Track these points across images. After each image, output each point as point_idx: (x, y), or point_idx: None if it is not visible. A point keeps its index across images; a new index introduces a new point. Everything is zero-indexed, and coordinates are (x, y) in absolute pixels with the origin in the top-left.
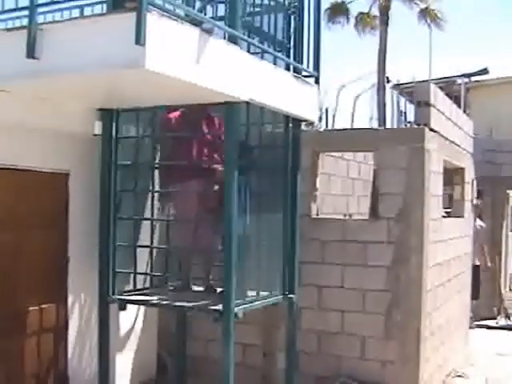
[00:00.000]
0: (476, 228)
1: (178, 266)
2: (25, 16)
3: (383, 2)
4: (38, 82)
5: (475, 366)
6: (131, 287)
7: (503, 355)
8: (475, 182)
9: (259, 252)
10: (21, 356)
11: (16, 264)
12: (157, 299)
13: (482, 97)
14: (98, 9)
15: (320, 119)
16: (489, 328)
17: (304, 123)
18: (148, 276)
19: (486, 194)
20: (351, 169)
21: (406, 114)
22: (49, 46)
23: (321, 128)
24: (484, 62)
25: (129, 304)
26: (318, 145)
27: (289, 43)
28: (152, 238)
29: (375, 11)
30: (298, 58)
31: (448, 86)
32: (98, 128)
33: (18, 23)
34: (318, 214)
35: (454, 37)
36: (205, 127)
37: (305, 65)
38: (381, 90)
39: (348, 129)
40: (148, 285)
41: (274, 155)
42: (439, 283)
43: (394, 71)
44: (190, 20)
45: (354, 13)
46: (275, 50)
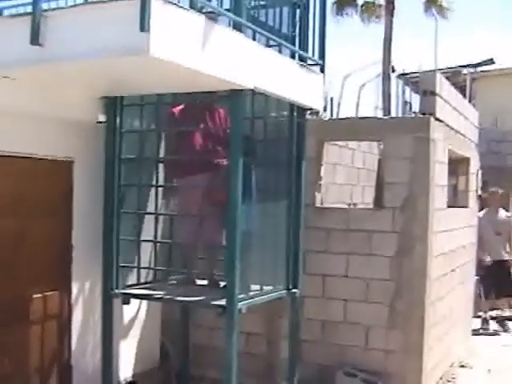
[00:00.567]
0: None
1: (182, 260)
2: (29, 3)
3: None
4: (42, 69)
5: (478, 357)
6: (135, 281)
7: (507, 346)
8: (480, 173)
9: (263, 245)
10: (24, 344)
11: (20, 251)
12: (160, 293)
13: (488, 87)
14: None
15: (325, 109)
16: (492, 319)
17: (309, 112)
18: (151, 269)
19: (492, 185)
20: (356, 158)
21: (411, 104)
22: (53, 33)
23: (326, 117)
24: (490, 52)
25: (132, 298)
26: (323, 134)
27: (294, 31)
28: (156, 232)
29: (381, 0)
30: (303, 47)
31: (454, 76)
32: (102, 116)
33: (22, 10)
34: (323, 204)
35: (460, 27)
36: (209, 120)
37: (310, 53)
38: (386, 80)
39: (353, 118)
40: (151, 278)
41: (279, 144)
42: (443, 273)
43: (400, 61)
44: (195, 7)
45: (360, 1)
46: (280, 38)
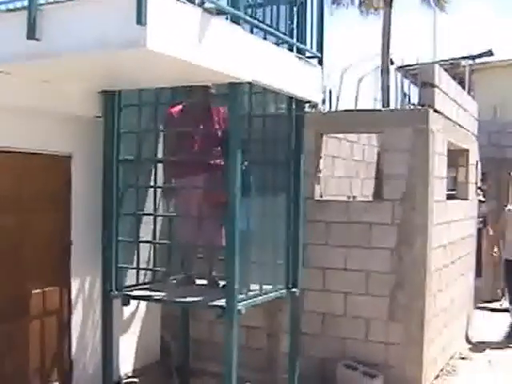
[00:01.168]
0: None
1: (181, 260)
2: None
3: None
4: (39, 64)
5: (478, 348)
6: (134, 281)
7: (508, 337)
8: (480, 164)
9: (262, 243)
10: (24, 339)
11: (19, 247)
12: (160, 295)
13: (487, 79)
14: None
15: (324, 101)
16: (492, 310)
17: (307, 105)
18: (151, 270)
19: (491, 176)
20: (355, 151)
21: (410, 97)
22: (49, 27)
23: (324, 110)
24: (489, 44)
25: (132, 299)
26: (322, 126)
27: (292, 24)
28: (155, 231)
29: None
30: (301, 39)
31: (452, 68)
32: (100, 110)
33: (19, 4)
34: (322, 196)
35: (459, 18)
36: (207, 120)
37: (308, 46)
38: (385, 72)
39: (352, 110)
40: (151, 278)
41: (277, 137)
42: (443, 265)
43: (398, 53)
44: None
45: None
46: (278, 31)
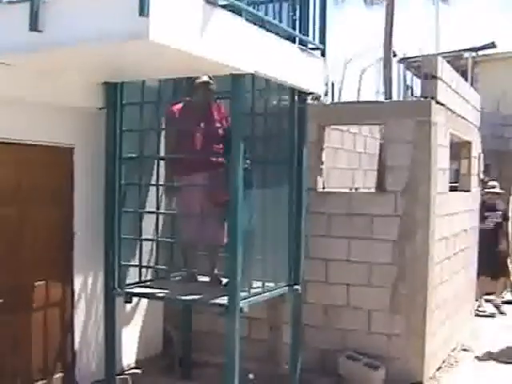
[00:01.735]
0: None
1: (184, 257)
2: None
3: None
4: (41, 55)
5: (481, 340)
6: (137, 278)
7: (509, 328)
8: (482, 156)
9: (264, 239)
10: (27, 330)
11: (22, 238)
12: (162, 292)
13: (490, 71)
14: None
15: (326, 93)
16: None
17: (310, 97)
18: (153, 268)
19: (494, 169)
20: (357, 142)
21: (413, 89)
22: (52, 19)
23: (327, 102)
24: (491, 36)
25: (134, 297)
26: (324, 118)
27: (294, 15)
28: (157, 228)
29: None
30: (304, 31)
31: (455, 60)
32: (103, 102)
33: None
34: (325, 188)
35: (462, 10)
36: (209, 118)
37: (310, 37)
38: (387, 65)
39: (354, 102)
40: (153, 276)
41: (280, 129)
42: (445, 257)
43: (401, 45)
44: None
45: None
46: (280, 22)
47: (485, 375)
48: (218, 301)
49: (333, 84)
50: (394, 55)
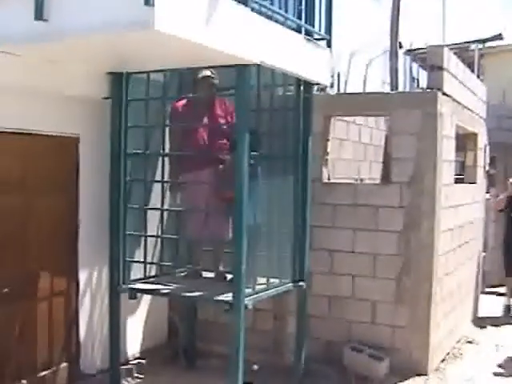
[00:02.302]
0: None
1: (189, 253)
2: None
3: None
4: (47, 45)
5: (485, 333)
6: (141, 274)
7: None
8: (488, 148)
9: (269, 234)
10: (33, 320)
11: (27, 228)
12: (167, 288)
13: (496, 63)
14: None
15: (332, 85)
16: (500, 295)
17: (315, 88)
18: (158, 264)
19: (499, 161)
20: (363, 134)
21: (419, 81)
22: (57, 8)
23: (333, 93)
24: (498, 28)
25: (139, 293)
26: (330, 109)
27: (300, 5)
28: (162, 223)
29: None
30: (310, 21)
31: (461, 52)
32: (108, 91)
33: None
34: (330, 179)
35: (468, 1)
36: (213, 113)
37: (316, 28)
38: (393, 56)
39: (360, 93)
40: (158, 271)
41: (285, 120)
42: (450, 249)
43: (407, 37)
44: None
45: None
46: (286, 13)
47: (489, 366)
48: (223, 298)
49: (339, 75)
50: (400, 47)
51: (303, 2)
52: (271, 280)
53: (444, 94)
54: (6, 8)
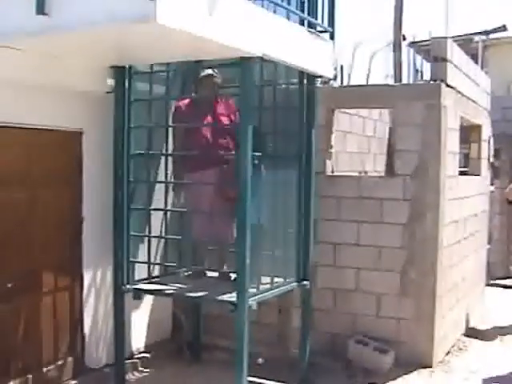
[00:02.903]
0: None
1: (193, 253)
2: None
3: None
4: (49, 39)
5: (491, 325)
6: (145, 274)
7: None
8: (492, 140)
9: (273, 236)
10: (37, 314)
11: (30, 223)
12: (171, 289)
13: (500, 54)
14: None
15: (335, 78)
16: (505, 287)
17: (319, 80)
18: (161, 265)
19: (504, 153)
20: (367, 126)
21: (422, 73)
22: (59, 2)
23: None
24: (502, 19)
25: (143, 293)
26: (333, 101)
27: None
28: (166, 223)
29: None
30: (312, 13)
31: (465, 44)
32: (111, 86)
33: None
34: (334, 172)
35: None
36: (216, 110)
37: (319, 20)
38: (397, 48)
39: (363, 85)
40: (162, 271)
41: (289, 113)
42: (455, 241)
43: (411, 29)
44: None
45: None
46: (289, 5)
47: (494, 359)
48: (227, 298)
49: (342, 68)
50: (404, 39)
51: None
52: (275, 279)
53: (448, 86)
54: (7, 2)
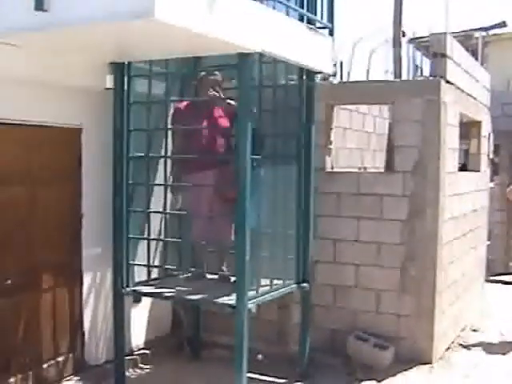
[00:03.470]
0: None
1: (192, 255)
2: None
3: None
4: (48, 35)
5: (490, 321)
6: (145, 277)
7: None
8: (492, 136)
9: (273, 238)
10: (36, 311)
11: (30, 219)
12: (170, 291)
13: (500, 50)
14: None
15: (334, 74)
16: (504, 283)
17: (319, 76)
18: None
19: (504, 149)
20: (366, 122)
21: (422, 69)
22: None
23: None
24: (502, 15)
25: (143, 296)
26: (333, 98)
27: None
28: (165, 225)
29: None
30: (312, 9)
31: (465, 40)
32: (110, 82)
33: None
34: (333, 168)
35: None
36: (216, 112)
37: (319, 16)
38: (396, 45)
39: (363, 81)
40: (161, 273)
41: (288, 109)
42: (455, 237)
43: (410, 25)
44: None
45: None
46: (288, 1)
47: (493, 356)
48: (226, 301)
49: (341, 64)
50: (404, 35)
51: None
52: (274, 281)
53: (447, 82)
54: None
